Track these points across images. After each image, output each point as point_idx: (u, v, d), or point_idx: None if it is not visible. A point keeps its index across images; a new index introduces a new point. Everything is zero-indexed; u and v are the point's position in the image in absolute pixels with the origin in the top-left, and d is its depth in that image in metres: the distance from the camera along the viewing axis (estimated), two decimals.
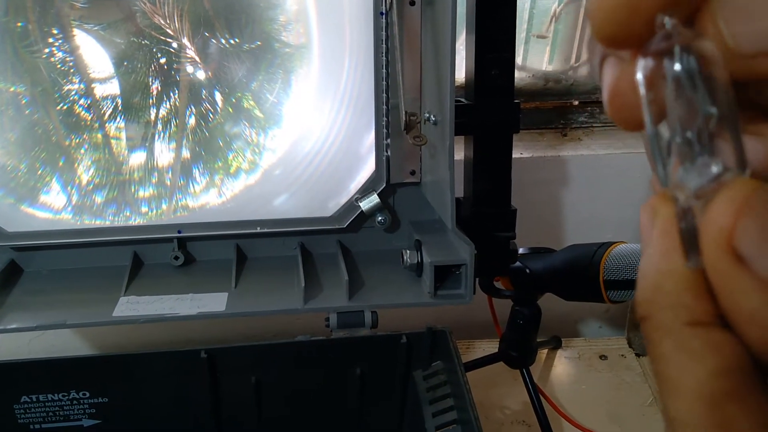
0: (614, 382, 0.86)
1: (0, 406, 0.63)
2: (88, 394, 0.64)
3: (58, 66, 0.57)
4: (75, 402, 0.64)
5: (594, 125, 0.93)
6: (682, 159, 0.16)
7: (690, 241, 0.16)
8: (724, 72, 0.15)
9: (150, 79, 0.58)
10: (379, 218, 0.65)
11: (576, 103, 0.91)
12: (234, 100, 0.60)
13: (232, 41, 0.57)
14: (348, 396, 0.67)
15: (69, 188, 0.61)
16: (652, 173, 0.17)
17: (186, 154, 0.61)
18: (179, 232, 0.64)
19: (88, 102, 0.58)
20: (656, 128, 0.16)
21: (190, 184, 0.62)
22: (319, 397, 0.67)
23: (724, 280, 0.15)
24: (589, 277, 0.64)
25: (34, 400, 0.63)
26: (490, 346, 0.87)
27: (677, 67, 0.15)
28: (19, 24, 0.55)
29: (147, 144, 0.61)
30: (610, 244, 0.65)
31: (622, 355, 0.91)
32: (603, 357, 0.90)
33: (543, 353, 0.91)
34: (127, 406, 0.65)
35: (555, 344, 0.92)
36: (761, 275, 0.14)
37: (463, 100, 0.59)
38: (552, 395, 0.81)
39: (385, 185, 0.64)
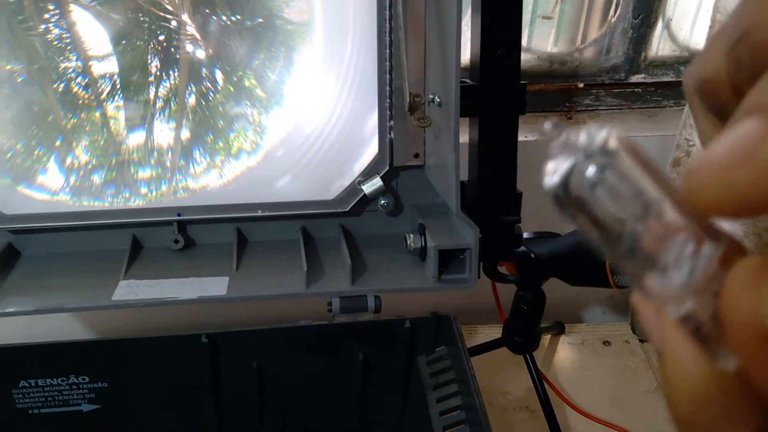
0: (617, 368, 0.86)
1: None
2: (87, 379, 0.63)
3: (55, 43, 0.55)
4: (74, 387, 0.63)
5: (599, 108, 0.92)
6: (651, 267, 0.14)
7: (709, 341, 0.14)
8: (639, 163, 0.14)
9: (149, 57, 0.56)
10: (382, 202, 0.64)
11: (581, 85, 0.90)
12: (235, 79, 0.59)
13: (233, 18, 0.56)
14: (351, 381, 0.66)
15: (67, 169, 0.60)
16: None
17: (186, 134, 0.60)
18: (179, 215, 0.63)
19: (86, 80, 0.57)
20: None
21: (191, 165, 0.61)
22: (322, 382, 0.67)
23: None
24: (595, 262, 0.63)
25: (33, 384, 0.62)
26: (493, 332, 0.86)
27: (591, 171, 0.14)
28: None
29: (146, 123, 0.59)
30: None
31: (626, 341, 0.90)
32: (606, 343, 0.90)
33: (546, 339, 0.90)
34: (127, 391, 0.64)
35: (558, 330, 0.91)
36: None
37: (468, 81, 0.58)
38: (555, 381, 0.81)
39: (388, 168, 0.63)
